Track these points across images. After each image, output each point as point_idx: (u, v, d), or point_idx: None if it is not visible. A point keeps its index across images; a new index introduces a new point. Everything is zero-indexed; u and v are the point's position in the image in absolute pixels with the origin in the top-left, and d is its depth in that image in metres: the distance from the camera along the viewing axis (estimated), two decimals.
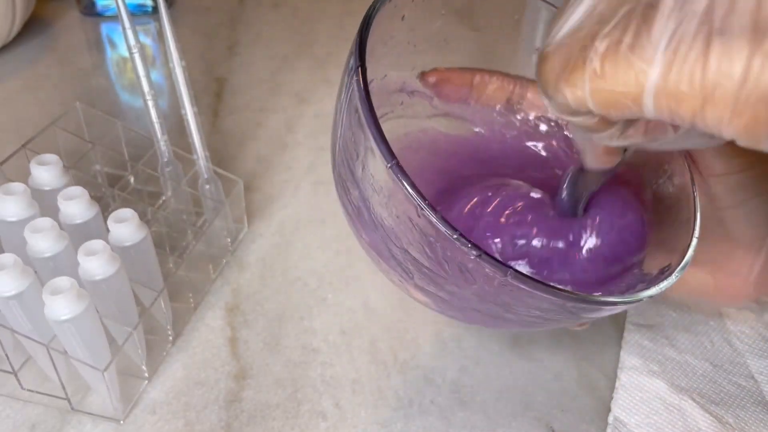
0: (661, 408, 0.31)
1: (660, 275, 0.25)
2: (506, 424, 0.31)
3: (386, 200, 0.22)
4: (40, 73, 0.57)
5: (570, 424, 0.31)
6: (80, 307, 0.26)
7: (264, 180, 0.46)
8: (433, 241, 0.21)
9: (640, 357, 0.34)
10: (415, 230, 0.21)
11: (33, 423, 0.30)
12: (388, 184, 0.21)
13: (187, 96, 0.37)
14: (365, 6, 0.24)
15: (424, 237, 0.21)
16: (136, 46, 0.35)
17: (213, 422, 0.30)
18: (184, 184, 0.38)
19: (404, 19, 0.27)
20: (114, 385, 0.29)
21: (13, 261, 0.27)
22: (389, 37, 0.27)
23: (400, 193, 0.21)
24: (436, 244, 0.21)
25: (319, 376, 0.33)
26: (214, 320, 0.36)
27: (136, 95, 0.55)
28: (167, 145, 0.38)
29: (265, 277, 0.39)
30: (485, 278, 0.21)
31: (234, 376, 0.33)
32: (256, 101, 0.56)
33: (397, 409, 0.32)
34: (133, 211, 0.31)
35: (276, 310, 0.36)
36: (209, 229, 0.37)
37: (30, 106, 0.52)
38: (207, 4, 0.72)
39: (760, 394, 0.32)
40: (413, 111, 0.31)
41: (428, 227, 0.21)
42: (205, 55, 0.62)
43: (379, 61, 0.28)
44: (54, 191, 0.32)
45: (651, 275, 0.26)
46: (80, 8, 0.67)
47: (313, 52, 0.64)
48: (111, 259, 0.28)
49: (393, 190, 0.21)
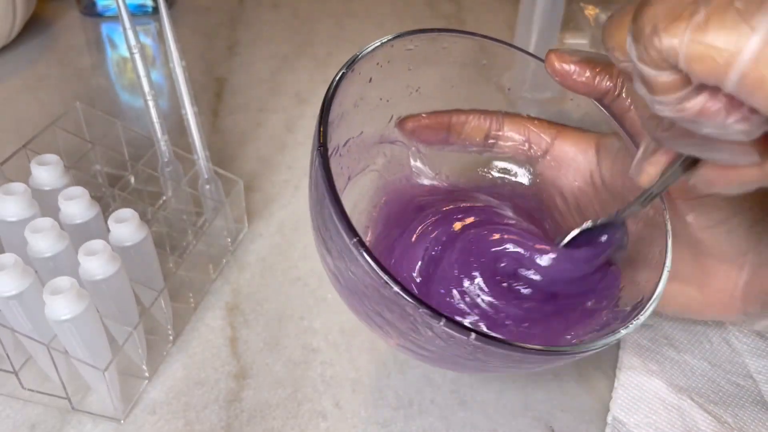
0: (660, 407, 0.31)
1: (632, 312, 0.25)
2: (506, 423, 0.31)
3: (354, 270, 0.23)
4: (40, 73, 0.57)
5: (570, 423, 0.31)
6: (80, 307, 0.26)
7: (264, 180, 0.46)
8: (401, 309, 0.22)
9: (639, 357, 0.34)
10: (385, 299, 0.22)
11: (33, 422, 0.30)
12: (353, 257, 0.22)
13: (187, 96, 0.37)
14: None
15: (393, 304, 0.22)
16: (136, 46, 0.35)
17: (213, 422, 0.31)
18: (184, 184, 0.39)
19: (372, 81, 0.28)
20: (114, 385, 0.29)
21: (13, 261, 0.27)
22: (359, 99, 0.29)
23: (361, 267, 0.22)
24: (405, 311, 0.22)
25: (319, 376, 0.33)
26: (215, 320, 0.36)
27: (136, 95, 0.55)
28: (167, 145, 0.38)
29: (266, 276, 0.39)
30: (454, 341, 0.22)
31: (234, 375, 0.33)
32: (256, 101, 0.56)
33: (397, 409, 0.32)
34: (133, 211, 0.31)
35: (276, 310, 0.36)
36: (209, 229, 0.37)
37: (30, 106, 0.53)
38: (207, 4, 0.72)
39: (758, 394, 0.32)
40: (396, 159, 0.32)
41: (394, 298, 0.21)
42: (205, 55, 0.62)
43: (353, 122, 0.29)
44: (54, 191, 0.32)
45: (625, 311, 0.26)
46: (80, 8, 0.67)
47: (313, 52, 0.64)
48: (111, 259, 0.28)
49: (357, 264, 0.22)
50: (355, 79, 0.27)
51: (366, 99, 0.29)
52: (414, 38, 0.29)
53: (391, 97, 0.30)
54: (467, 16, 0.71)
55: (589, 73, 0.27)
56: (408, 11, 0.72)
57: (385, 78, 0.29)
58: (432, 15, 0.71)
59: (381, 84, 0.29)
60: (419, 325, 0.22)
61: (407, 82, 0.30)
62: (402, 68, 0.30)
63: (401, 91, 0.31)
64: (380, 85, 0.29)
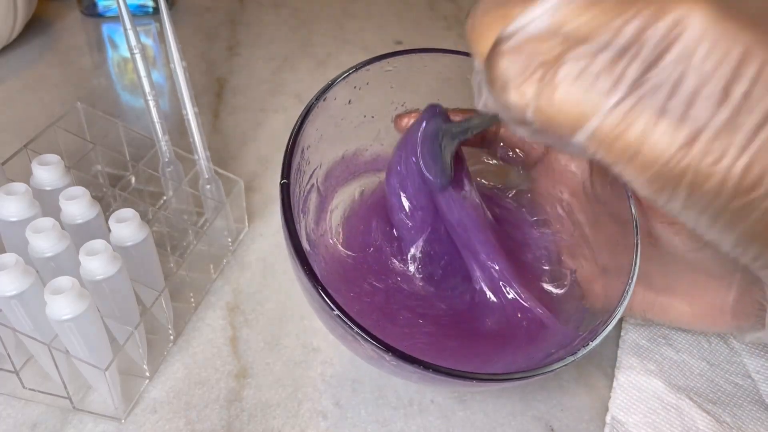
0: (658, 407, 0.32)
1: (588, 336, 0.25)
2: (506, 423, 0.31)
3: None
4: (41, 74, 0.57)
5: (569, 423, 0.32)
6: (81, 307, 0.26)
7: (264, 180, 0.47)
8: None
9: (638, 356, 0.34)
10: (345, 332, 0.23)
11: (34, 422, 0.30)
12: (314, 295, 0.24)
13: (187, 96, 0.37)
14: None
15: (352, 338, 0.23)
16: (137, 46, 0.35)
17: (214, 421, 0.31)
18: (184, 184, 0.39)
19: (351, 103, 0.29)
20: (115, 385, 0.29)
21: (14, 261, 0.27)
22: (340, 120, 0.29)
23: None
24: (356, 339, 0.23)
25: (320, 376, 0.33)
26: (215, 320, 0.36)
27: (137, 95, 0.55)
28: (168, 145, 0.38)
29: (266, 276, 0.39)
30: (374, 356, 0.23)
31: (235, 375, 0.33)
32: (257, 101, 0.56)
33: (397, 408, 0.32)
34: (134, 211, 0.31)
35: (276, 310, 0.37)
36: (210, 228, 0.37)
37: (31, 107, 0.53)
38: (207, 5, 0.72)
39: (756, 393, 0.33)
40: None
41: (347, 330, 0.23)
42: (205, 56, 0.62)
43: (335, 141, 0.30)
44: (55, 191, 0.32)
45: (582, 335, 0.26)
46: (81, 9, 0.68)
47: (313, 52, 0.64)
48: (112, 258, 0.29)
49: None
50: (331, 104, 0.28)
51: (348, 118, 0.30)
52: (390, 61, 0.29)
53: (376, 113, 0.31)
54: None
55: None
56: (408, 11, 0.72)
57: (366, 97, 0.29)
58: (432, 15, 0.71)
59: (362, 103, 0.30)
60: (353, 341, 0.23)
61: (391, 99, 0.31)
62: (383, 87, 0.30)
63: (386, 107, 0.31)
64: (362, 105, 0.30)
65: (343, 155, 0.31)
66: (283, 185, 0.25)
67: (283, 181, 0.25)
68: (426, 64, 0.30)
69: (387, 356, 0.22)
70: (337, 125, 0.29)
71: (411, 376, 0.24)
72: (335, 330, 0.24)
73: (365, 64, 0.28)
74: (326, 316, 0.23)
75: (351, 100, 0.29)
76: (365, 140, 0.32)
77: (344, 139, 0.31)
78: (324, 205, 0.30)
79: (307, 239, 0.28)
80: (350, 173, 0.32)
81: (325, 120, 0.28)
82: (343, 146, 0.31)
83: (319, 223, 0.30)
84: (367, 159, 0.32)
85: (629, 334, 0.35)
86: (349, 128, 0.30)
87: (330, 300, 0.22)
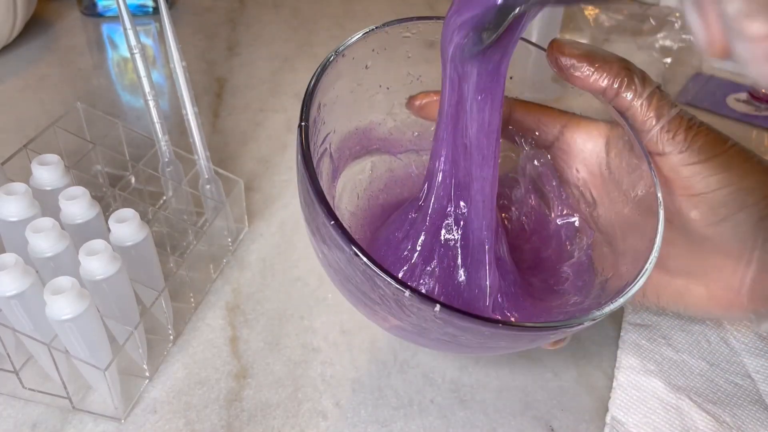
0: (658, 407, 0.32)
1: (616, 295, 0.25)
2: (506, 423, 0.31)
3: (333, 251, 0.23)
4: (41, 74, 0.57)
5: (569, 423, 0.32)
6: (81, 307, 0.26)
7: (264, 180, 0.47)
8: (374, 283, 0.22)
9: (638, 356, 0.34)
10: (358, 273, 0.22)
11: (34, 422, 0.30)
12: (333, 238, 0.22)
13: (187, 96, 0.37)
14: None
15: (366, 279, 0.22)
16: (137, 46, 0.35)
17: (213, 421, 0.31)
18: (184, 184, 0.39)
19: (368, 68, 0.28)
20: (115, 385, 0.29)
21: (14, 261, 0.27)
22: (356, 85, 0.29)
23: (335, 242, 0.22)
24: (378, 285, 0.22)
25: (320, 376, 0.33)
26: (215, 320, 0.36)
27: (136, 95, 0.55)
28: (168, 145, 0.38)
29: (266, 276, 0.39)
30: (420, 313, 0.22)
31: (234, 375, 0.33)
32: (257, 101, 0.56)
33: (397, 408, 0.32)
34: (134, 211, 0.31)
35: (276, 310, 0.37)
36: (210, 228, 0.37)
37: (31, 107, 0.53)
38: (207, 5, 0.72)
39: (756, 393, 0.33)
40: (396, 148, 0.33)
41: (365, 270, 0.21)
42: (205, 56, 0.62)
43: (351, 107, 0.29)
44: (55, 191, 0.32)
45: (610, 293, 0.26)
46: (81, 9, 0.68)
47: (313, 52, 0.64)
48: (112, 258, 0.29)
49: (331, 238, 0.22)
50: (348, 64, 0.27)
51: (364, 85, 0.29)
52: (410, 25, 0.28)
53: (392, 85, 0.30)
54: None
55: (586, 70, 0.27)
56: (408, 11, 0.72)
57: (383, 64, 0.29)
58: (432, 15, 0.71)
59: (379, 71, 0.29)
60: (391, 299, 0.22)
61: (407, 70, 0.30)
62: (401, 54, 0.29)
63: (402, 79, 0.30)
64: (378, 72, 0.29)
65: (356, 127, 0.31)
66: (302, 127, 0.24)
67: (303, 123, 0.24)
68: None
69: (434, 309, 0.21)
70: (352, 90, 0.29)
71: (464, 337, 0.23)
72: (363, 286, 0.23)
73: (386, 25, 0.28)
74: (357, 273, 0.22)
75: (368, 64, 0.28)
76: (379, 113, 0.31)
77: (359, 109, 0.30)
78: (335, 174, 0.30)
79: None
80: (362, 148, 0.32)
81: (342, 80, 0.27)
82: (357, 116, 0.30)
83: (330, 191, 0.29)
84: (380, 135, 0.32)
85: (629, 334, 0.35)
86: (364, 97, 0.30)
87: (365, 255, 0.21)
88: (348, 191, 0.31)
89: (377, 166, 0.33)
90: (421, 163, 0.33)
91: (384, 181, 0.33)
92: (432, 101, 0.31)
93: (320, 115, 0.26)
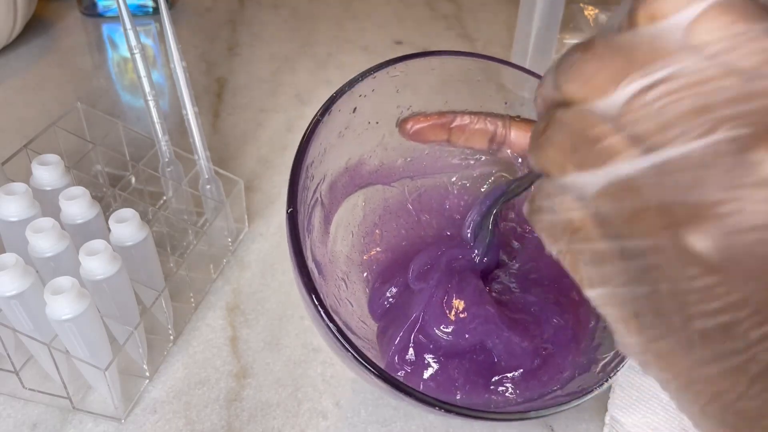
0: (657, 407, 0.32)
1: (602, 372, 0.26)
2: (506, 423, 0.31)
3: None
4: (41, 74, 0.57)
5: (569, 423, 0.32)
6: (81, 307, 0.26)
7: (264, 180, 0.47)
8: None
9: None
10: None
11: (34, 422, 0.30)
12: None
13: (187, 96, 0.37)
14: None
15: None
16: (137, 46, 0.35)
17: (214, 421, 0.31)
18: (184, 184, 0.39)
19: (355, 112, 0.28)
20: (115, 385, 0.29)
21: (14, 261, 0.27)
22: (344, 129, 0.28)
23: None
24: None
25: (320, 375, 0.33)
26: (215, 320, 0.36)
27: (137, 95, 0.55)
28: (168, 146, 0.38)
29: (266, 276, 0.39)
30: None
31: (235, 375, 0.33)
32: (257, 101, 0.56)
33: (397, 408, 0.32)
34: (134, 211, 0.31)
35: (276, 310, 0.37)
36: (210, 228, 0.37)
37: (31, 107, 0.53)
38: (207, 5, 0.72)
39: None
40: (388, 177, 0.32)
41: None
42: (205, 56, 0.62)
43: (339, 151, 0.29)
44: (55, 191, 0.32)
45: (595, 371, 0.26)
46: (81, 9, 0.68)
47: (313, 52, 0.64)
48: (112, 258, 0.29)
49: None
50: (334, 118, 0.26)
51: (351, 127, 0.28)
52: (397, 66, 0.28)
53: (381, 119, 0.30)
54: (467, 17, 0.71)
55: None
56: (408, 11, 0.72)
57: (371, 104, 0.28)
58: (432, 15, 0.71)
59: (367, 110, 0.28)
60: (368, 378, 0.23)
61: (396, 102, 0.29)
62: (389, 92, 0.29)
63: (391, 111, 0.30)
64: (366, 112, 0.28)
65: (346, 165, 0.30)
66: (290, 214, 0.23)
67: (290, 210, 0.23)
68: (433, 66, 0.29)
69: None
70: (340, 135, 0.28)
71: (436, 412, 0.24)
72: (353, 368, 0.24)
73: (371, 72, 0.27)
74: (345, 358, 0.23)
75: (356, 108, 0.28)
76: (369, 146, 0.30)
77: (348, 148, 0.29)
78: (329, 217, 0.29)
79: (314, 260, 0.27)
80: (355, 185, 0.31)
81: (328, 133, 0.27)
82: (347, 155, 0.30)
83: (324, 239, 0.29)
84: (371, 168, 0.31)
85: None
86: (352, 136, 0.29)
87: (355, 351, 0.22)
88: (342, 229, 0.30)
89: (371, 199, 0.32)
90: (415, 188, 0.33)
91: (378, 214, 0.32)
92: (423, 127, 0.30)
93: (308, 174, 0.26)
